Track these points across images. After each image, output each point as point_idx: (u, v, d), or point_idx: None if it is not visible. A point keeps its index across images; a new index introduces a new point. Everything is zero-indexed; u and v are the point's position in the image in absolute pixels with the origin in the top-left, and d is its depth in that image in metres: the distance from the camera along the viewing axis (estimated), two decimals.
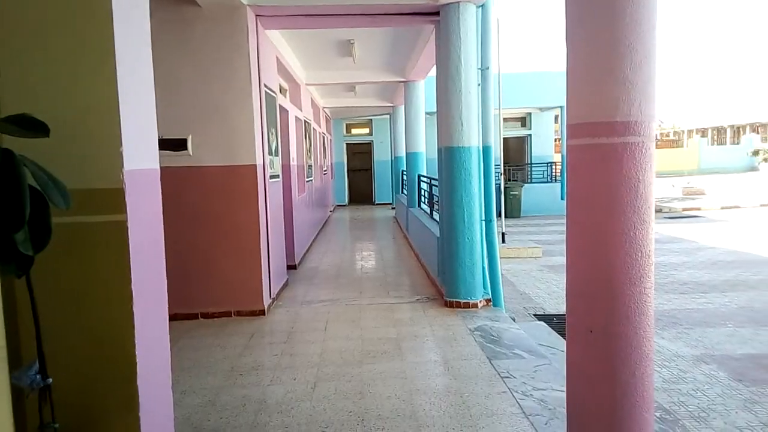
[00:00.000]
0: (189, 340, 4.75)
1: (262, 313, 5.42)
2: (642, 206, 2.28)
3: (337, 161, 19.67)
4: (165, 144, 5.15)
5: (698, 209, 16.21)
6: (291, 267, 7.58)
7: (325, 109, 15.01)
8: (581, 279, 2.40)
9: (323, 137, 14.45)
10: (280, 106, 7.04)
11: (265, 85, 5.78)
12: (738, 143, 44.26)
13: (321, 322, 5.20)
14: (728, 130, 63.54)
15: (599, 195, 2.30)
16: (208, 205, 5.27)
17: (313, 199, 10.90)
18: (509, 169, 18.74)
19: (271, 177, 5.95)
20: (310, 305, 5.85)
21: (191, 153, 5.20)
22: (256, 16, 5.45)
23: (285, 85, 8.73)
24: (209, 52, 5.14)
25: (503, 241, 10.64)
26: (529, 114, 19.32)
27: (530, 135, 19.47)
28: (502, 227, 10.87)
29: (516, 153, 20.00)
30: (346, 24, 5.92)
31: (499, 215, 11.44)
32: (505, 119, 18.87)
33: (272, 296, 5.80)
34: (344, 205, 19.69)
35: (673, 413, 3.65)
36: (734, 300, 6.44)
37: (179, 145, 5.20)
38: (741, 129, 62.30)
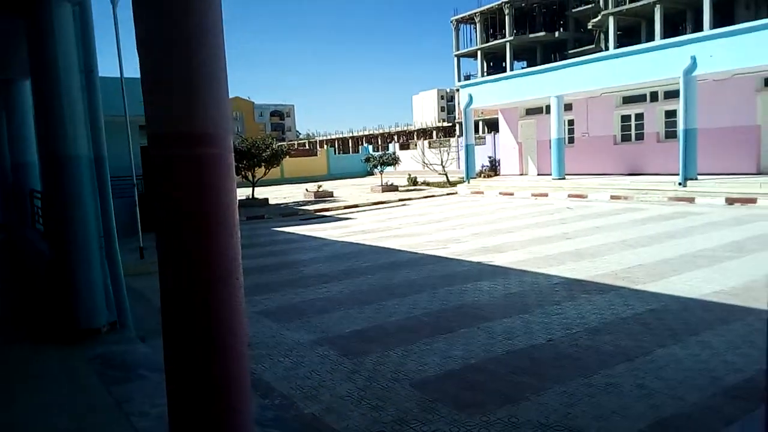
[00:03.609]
0: None
1: None
2: (225, 211, 2.42)
3: None
4: None
5: (327, 210, 18.45)
6: None
7: None
8: (173, 283, 2.41)
9: None
10: None
11: None
12: (358, 152, 52.24)
13: None
14: (350, 141, 74.55)
15: (185, 202, 2.35)
16: None
17: None
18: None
19: None
20: None
21: None
22: None
23: None
24: None
25: (142, 256, 10.03)
26: None
27: None
28: (140, 241, 10.24)
29: None
30: None
31: (137, 229, 10.74)
32: (141, 126, 17.83)
33: None
34: None
35: (290, 397, 4.03)
36: (348, 286, 7.53)
37: None
38: (360, 140, 73.92)
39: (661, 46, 17.25)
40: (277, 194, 25.80)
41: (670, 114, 18.34)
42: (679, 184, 15.42)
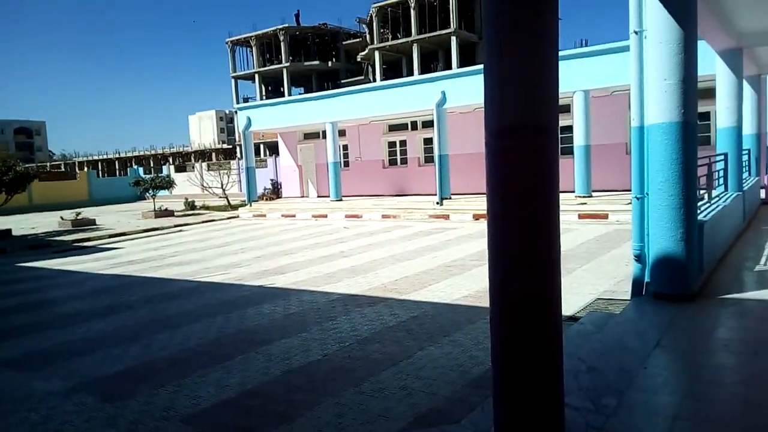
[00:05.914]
0: None
1: None
2: None
3: None
4: None
5: (89, 240, 16.48)
6: None
7: None
8: None
9: None
10: None
11: None
12: (126, 175, 47.82)
13: None
14: (116, 163, 67.80)
15: None
16: None
17: None
18: None
19: None
20: None
21: None
22: None
23: None
24: None
25: None
26: None
27: None
28: None
29: None
30: None
31: None
32: None
33: None
34: None
35: None
36: (111, 323, 6.82)
37: None
38: (128, 161, 67.75)
39: (418, 81, 19.41)
40: (23, 224, 22.27)
41: (428, 141, 20.66)
42: (437, 203, 17.41)
